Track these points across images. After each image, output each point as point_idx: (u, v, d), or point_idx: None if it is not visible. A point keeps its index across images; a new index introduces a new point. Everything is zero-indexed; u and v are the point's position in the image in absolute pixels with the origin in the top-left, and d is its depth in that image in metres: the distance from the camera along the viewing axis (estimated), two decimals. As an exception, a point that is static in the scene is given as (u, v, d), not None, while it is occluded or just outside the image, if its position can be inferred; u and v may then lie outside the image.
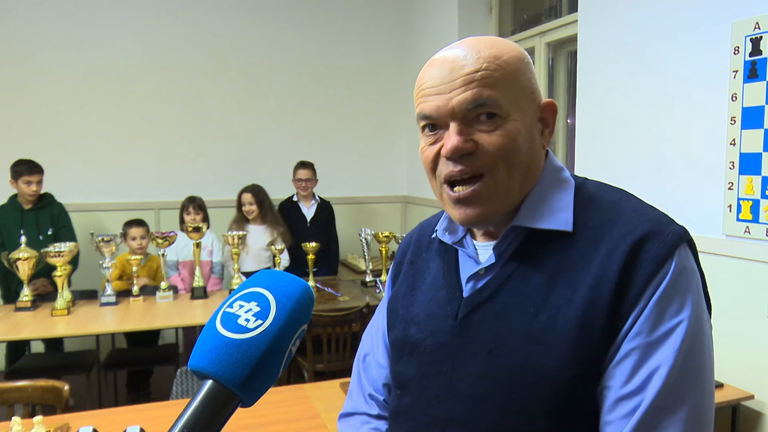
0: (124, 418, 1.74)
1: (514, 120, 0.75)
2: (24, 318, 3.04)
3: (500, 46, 0.77)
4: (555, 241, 0.76)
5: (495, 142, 0.74)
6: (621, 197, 0.79)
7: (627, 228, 0.72)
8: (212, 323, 0.50)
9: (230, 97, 4.64)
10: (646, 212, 0.75)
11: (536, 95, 0.79)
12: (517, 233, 0.78)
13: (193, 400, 0.46)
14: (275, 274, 0.54)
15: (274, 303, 0.50)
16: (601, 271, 0.71)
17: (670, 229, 0.72)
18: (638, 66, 2.60)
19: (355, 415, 0.96)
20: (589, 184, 0.82)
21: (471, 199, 0.76)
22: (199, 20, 4.51)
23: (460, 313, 0.79)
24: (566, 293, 0.72)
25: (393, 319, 0.92)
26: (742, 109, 2.15)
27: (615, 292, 0.69)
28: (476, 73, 0.74)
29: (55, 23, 4.17)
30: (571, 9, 3.41)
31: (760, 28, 2.07)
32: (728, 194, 2.21)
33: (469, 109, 0.74)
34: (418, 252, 0.95)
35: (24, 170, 3.46)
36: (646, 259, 0.70)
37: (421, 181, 4.91)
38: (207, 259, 3.90)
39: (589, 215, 0.77)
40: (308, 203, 4.20)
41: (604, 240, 0.73)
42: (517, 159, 0.75)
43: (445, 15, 4.34)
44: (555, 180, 0.81)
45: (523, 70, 0.77)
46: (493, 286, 0.78)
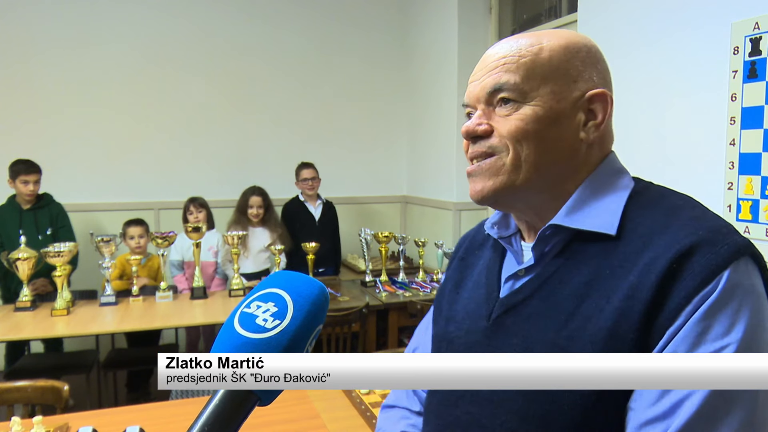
0: (124, 418, 1.74)
1: (535, 105, 0.73)
2: (24, 318, 3.04)
3: (550, 35, 0.76)
4: (599, 244, 0.71)
5: (508, 125, 0.74)
6: (683, 204, 0.72)
7: (677, 236, 0.65)
8: (230, 323, 0.51)
9: (230, 98, 4.64)
10: (705, 221, 0.67)
11: (582, 84, 0.75)
12: (558, 233, 0.74)
13: (212, 400, 0.47)
14: (291, 275, 0.55)
15: (291, 303, 0.51)
16: (638, 280, 0.64)
17: (727, 240, 0.64)
18: (638, 66, 2.61)
19: (396, 408, 0.95)
20: (652, 189, 0.76)
21: (476, 173, 0.77)
22: (199, 21, 4.51)
23: (494, 313, 0.78)
24: (600, 302, 0.67)
25: (437, 316, 0.91)
26: (741, 109, 2.15)
27: (650, 305, 0.63)
28: (502, 59, 0.75)
29: (55, 24, 4.17)
30: (570, 9, 3.41)
31: (759, 28, 2.07)
32: (728, 194, 2.22)
33: (489, 93, 0.75)
34: (470, 249, 0.93)
35: (21, 169, 3.46)
36: (692, 270, 0.62)
37: (421, 181, 4.92)
38: (212, 259, 3.90)
39: (641, 220, 0.70)
40: (315, 203, 4.20)
41: (650, 247, 0.66)
42: (532, 144, 0.73)
43: (444, 15, 4.34)
44: (608, 181, 0.76)
45: (567, 57, 0.75)
46: (529, 288, 0.75)
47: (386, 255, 3.87)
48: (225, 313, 3.19)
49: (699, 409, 0.58)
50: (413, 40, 4.91)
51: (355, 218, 4.90)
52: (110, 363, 3.42)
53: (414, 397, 0.94)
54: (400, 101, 5.10)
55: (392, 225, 5.12)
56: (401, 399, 0.96)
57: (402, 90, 5.08)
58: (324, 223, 4.19)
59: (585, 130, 0.75)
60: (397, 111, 5.10)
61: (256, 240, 3.93)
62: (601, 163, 0.77)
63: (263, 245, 3.96)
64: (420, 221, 4.95)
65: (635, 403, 0.63)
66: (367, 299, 3.34)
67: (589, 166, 0.77)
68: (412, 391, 0.94)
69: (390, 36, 5.03)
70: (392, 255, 4.09)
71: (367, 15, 4.96)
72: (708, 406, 0.58)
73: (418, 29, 4.81)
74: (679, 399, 0.59)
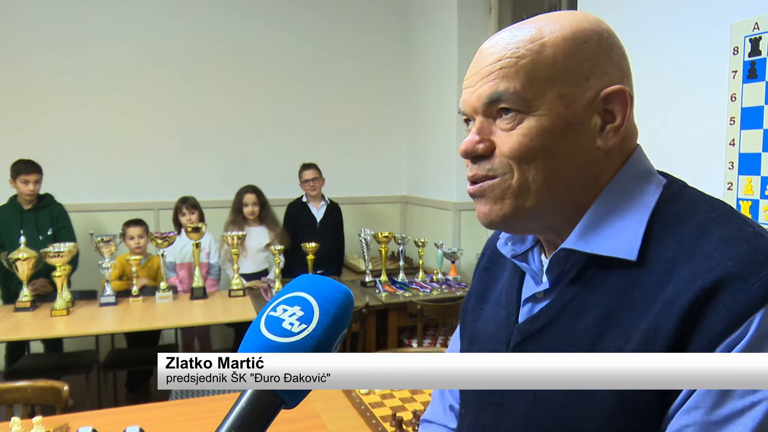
0: (124, 419, 1.74)
1: (540, 115, 0.63)
2: (23, 318, 3.04)
3: (553, 24, 0.65)
4: (620, 270, 0.62)
5: (510, 143, 0.64)
6: (716, 218, 0.61)
7: (703, 267, 0.56)
8: (256, 327, 0.51)
9: (231, 98, 4.64)
10: (738, 245, 0.56)
11: (596, 81, 0.64)
12: (572, 256, 0.66)
13: (238, 402, 0.48)
14: (316, 278, 0.55)
15: (318, 307, 0.51)
16: (656, 323, 0.56)
17: (762, 273, 0.53)
18: (637, 66, 2.60)
19: (434, 425, 0.91)
20: (683, 195, 0.65)
21: (479, 195, 0.68)
22: (199, 21, 4.51)
23: (512, 341, 0.72)
24: (618, 342, 0.59)
25: (462, 331, 0.87)
26: (741, 109, 2.15)
27: (670, 351, 0.55)
28: (498, 62, 0.64)
29: (54, 24, 4.17)
30: (570, 9, 3.41)
31: (759, 28, 2.07)
32: (727, 194, 2.22)
33: (485, 104, 0.65)
34: (494, 257, 0.84)
35: (22, 169, 3.46)
36: (718, 312, 0.53)
37: (421, 181, 4.92)
38: (204, 260, 3.89)
39: (666, 242, 0.60)
40: (318, 204, 4.19)
41: (673, 279, 0.57)
42: (540, 161, 0.63)
43: (444, 15, 4.34)
44: (630, 192, 0.65)
45: (574, 51, 0.63)
46: (546, 315, 0.68)
47: (386, 255, 3.87)
48: (225, 314, 3.19)
49: None
50: (413, 39, 4.91)
51: (355, 218, 4.90)
52: (110, 363, 3.42)
53: (451, 413, 0.90)
54: (400, 101, 5.10)
55: (392, 225, 5.12)
56: (439, 415, 0.91)
57: (402, 90, 5.08)
58: (326, 224, 4.18)
59: (602, 135, 0.65)
60: (397, 111, 5.10)
61: (254, 239, 3.93)
62: (621, 167, 0.67)
63: (262, 245, 3.96)
64: (420, 221, 4.95)
65: None
66: (367, 299, 3.34)
67: (610, 174, 0.66)
68: (449, 407, 0.90)
69: (390, 36, 5.03)
70: (392, 255, 4.08)
71: (368, 15, 4.96)
72: None
73: (418, 29, 4.81)
74: None
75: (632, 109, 0.67)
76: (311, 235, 3.94)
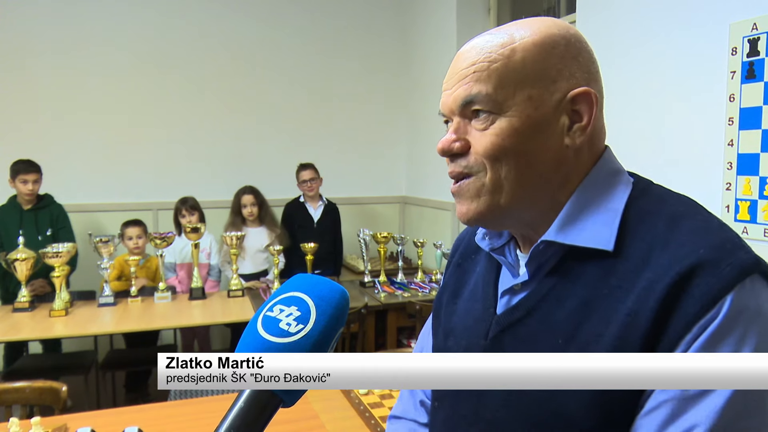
0: (123, 419, 1.74)
1: (511, 116, 0.67)
2: (22, 319, 3.04)
3: (523, 29, 0.69)
4: (596, 260, 0.66)
5: (483, 142, 0.68)
6: (684, 211, 0.66)
7: (677, 255, 0.60)
8: (253, 326, 0.51)
9: (229, 99, 4.64)
10: (707, 234, 0.62)
11: (563, 83, 0.68)
12: (552, 248, 0.69)
13: (237, 402, 0.48)
14: (313, 278, 0.55)
15: (314, 307, 0.51)
16: (636, 306, 0.60)
17: (731, 259, 0.59)
18: (636, 67, 2.61)
19: (404, 420, 0.93)
20: (652, 192, 0.70)
21: (458, 194, 0.72)
22: (197, 22, 4.51)
23: (491, 332, 0.74)
24: (598, 327, 0.63)
25: (436, 326, 0.89)
26: (740, 109, 2.15)
27: (648, 335, 0.59)
28: (472, 66, 0.68)
29: (54, 25, 4.16)
30: (569, 10, 3.42)
31: (757, 29, 2.08)
32: (726, 195, 2.22)
33: (461, 106, 0.69)
34: (466, 253, 0.88)
35: (21, 169, 3.46)
36: (692, 296, 0.58)
37: (420, 181, 4.92)
38: (205, 261, 3.89)
39: (640, 233, 0.65)
40: (315, 204, 4.19)
41: (649, 266, 0.62)
42: (512, 159, 0.67)
43: (443, 16, 4.35)
44: (603, 187, 0.70)
45: (543, 55, 0.68)
46: (525, 306, 0.71)
47: (385, 255, 3.87)
48: (224, 315, 3.19)
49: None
50: (412, 40, 4.91)
51: (354, 219, 4.90)
52: (109, 364, 3.41)
53: (421, 408, 0.92)
54: (399, 101, 5.10)
55: (391, 225, 5.12)
56: (409, 411, 0.93)
57: (401, 90, 5.08)
58: (323, 224, 4.18)
59: (570, 135, 0.69)
60: (396, 111, 5.10)
61: (253, 240, 3.93)
62: (593, 165, 0.71)
63: (261, 245, 3.95)
64: (419, 222, 4.95)
65: (643, 420, 0.60)
66: (366, 300, 3.34)
67: (581, 172, 0.71)
68: (419, 403, 0.92)
69: (389, 37, 5.03)
70: (391, 255, 4.09)
71: (367, 16, 4.96)
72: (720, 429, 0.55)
73: (417, 30, 4.81)
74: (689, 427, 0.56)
75: (599, 110, 0.70)
76: (309, 235, 3.94)
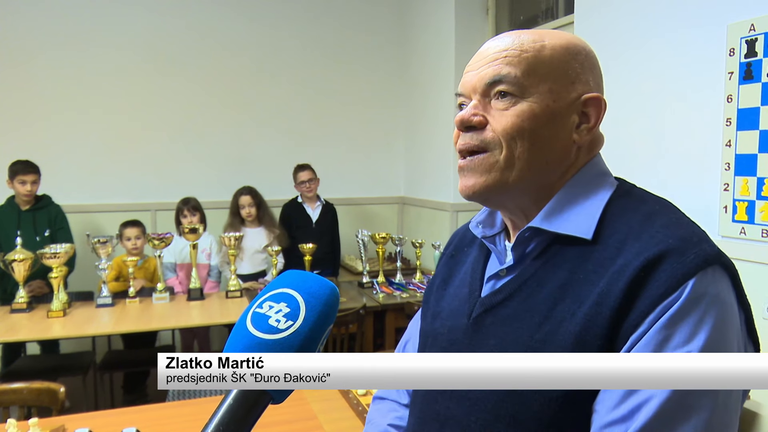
0: (121, 420, 1.74)
1: (532, 102, 0.73)
2: (20, 320, 3.03)
3: (552, 35, 0.77)
4: (577, 248, 0.72)
5: (503, 120, 0.73)
6: (659, 210, 0.72)
7: (648, 244, 0.66)
8: (242, 323, 0.51)
9: (228, 99, 4.63)
10: (677, 228, 0.68)
11: (579, 86, 0.75)
12: (538, 235, 0.75)
13: (226, 399, 0.48)
14: (302, 274, 0.55)
15: (304, 304, 0.51)
16: (607, 288, 0.66)
17: (696, 249, 0.64)
18: (634, 67, 2.61)
19: (387, 401, 0.97)
20: (633, 193, 0.77)
21: (468, 169, 0.76)
22: (196, 22, 4.51)
23: (474, 312, 0.79)
24: (572, 306, 0.68)
25: (425, 311, 0.93)
26: (737, 110, 2.16)
27: (616, 312, 0.64)
28: (503, 51, 0.74)
29: (53, 26, 4.16)
30: (567, 11, 3.42)
31: (755, 30, 2.08)
32: (724, 195, 2.22)
33: (487, 84, 0.74)
34: (460, 246, 0.94)
35: (19, 169, 3.45)
36: (658, 279, 0.63)
37: (418, 182, 4.92)
38: (205, 262, 3.89)
39: (617, 226, 0.71)
40: (313, 205, 4.19)
41: (622, 254, 0.67)
42: (525, 142, 0.73)
43: (441, 16, 4.35)
44: (591, 184, 0.76)
45: (567, 58, 0.75)
46: (508, 289, 0.76)
47: (383, 256, 3.87)
48: (222, 315, 3.18)
49: (657, 412, 0.59)
50: (410, 41, 4.91)
51: (353, 219, 4.90)
52: (107, 365, 3.41)
53: (402, 390, 0.95)
54: (397, 102, 5.10)
55: (389, 226, 5.12)
56: (391, 392, 0.98)
57: (399, 91, 5.09)
58: (322, 225, 4.18)
59: (578, 132, 0.76)
60: (395, 112, 5.10)
61: (251, 241, 3.92)
62: (585, 165, 0.78)
63: (260, 246, 3.95)
64: (417, 222, 4.95)
65: (599, 405, 0.65)
66: (365, 300, 3.34)
67: (575, 169, 0.77)
68: None
69: (387, 37, 5.03)
70: (389, 256, 4.09)
71: (365, 16, 4.96)
72: (666, 410, 0.59)
73: (415, 30, 4.81)
74: (639, 402, 0.61)
75: (602, 117, 0.77)
76: (307, 235, 3.93)
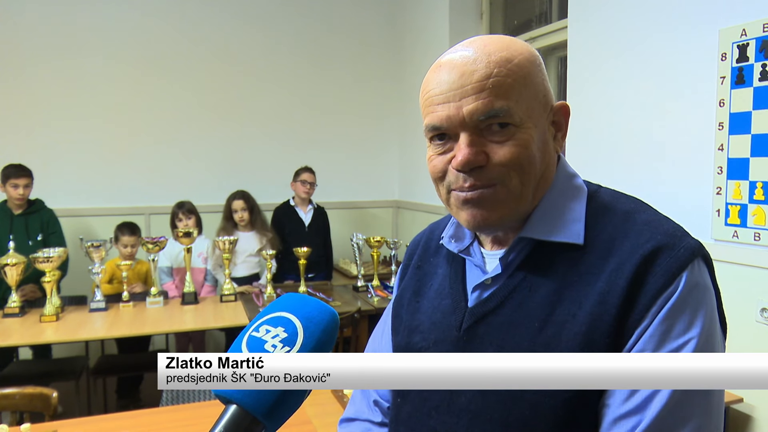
0: (114, 425, 1.73)
1: (528, 128, 0.72)
2: (12, 324, 3.01)
3: (511, 47, 0.73)
4: (564, 252, 0.73)
5: (507, 153, 0.71)
6: (635, 207, 0.76)
7: (638, 241, 0.70)
8: (238, 347, 0.50)
9: (221, 103, 4.63)
10: (660, 224, 0.72)
11: (548, 98, 0.76)
12: (525, 243, 0.76)
13: (218, 424, 0.47)
14: (302, 298, 0.54)
15: (301, 329, 0.50)
16: (608, 287, 0.68)
17: (683, 243, 0.69)
18: (627, 72, 2.63)
19: (357, 421, 0.93)
20: (602, 193, 0.79)
21: (476, 202, 0.73)
22: (190, 26, 4.51)
23: (464, 323, 0.77)
24: (572, 308, 0.69)
25: (396, 325, 0.90)
26: (729, 114, 2.17)
27: (621, 309, 0.67)
28: (488, 80, 0.70)
29: (46, 30, 4.14)
30: (561, 15, 3.44)
31: (746, 35, 2.10)
32: (716, 199, 2.24)
33: (481, 119, 0.70)
34: (425, 256, 0.92)
35: (11, 173, 3.43)
36: (656, 273, 0.67)
37: (413, 186, 4.93)
38: (201, 266, 3.87)
39: (600, 227, 0.73)
40: (305, 208, 4.18)
41: (613, 253, 0.70)
42: (531, 168, 0.73)
43: (436, 21, 4.37)
44: (567, 188, 0.78)
45: (535, 72, 0.73)
46: (498, 297, 0.76)
47: (378, 259, 3.87)
48: (216, 319, 3.17)
49: (668, 402, 0.63)
50: (405, 45, 4.93)
51: (347, 223, 4.90)
52: (100, 369, 3.38)
53: (375, 408, 0.92)
54: (391, 107, 5.11)
55: (384, 229, 5.12)
56: (362, 411, 0.93)
57: (393, 95, 5.10)
58: (314, 228, 4.18)
59: (556, 141, 0.78)
60: (389, 115, 5.11)
61: (244, 244, 3.91)
62: (557, 170, 0.79)
63: (252, 249, 3.94)
64: (412, 225, 4.95)
65: (610, 399, 0.66)
66: (359, 304, 3.33)
67: (552, 174, 0.79)
68: (373, 403, 0.92)
69: (381, 42, 5.05)
70: (384, 260, 4.08)
71: (359, 22, 4.97)
72: (675, 400, 0.63)
73: (410, 35, 4.83)
74: (650, 394, 0.64)
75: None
76: (299, 239, 3.93)
